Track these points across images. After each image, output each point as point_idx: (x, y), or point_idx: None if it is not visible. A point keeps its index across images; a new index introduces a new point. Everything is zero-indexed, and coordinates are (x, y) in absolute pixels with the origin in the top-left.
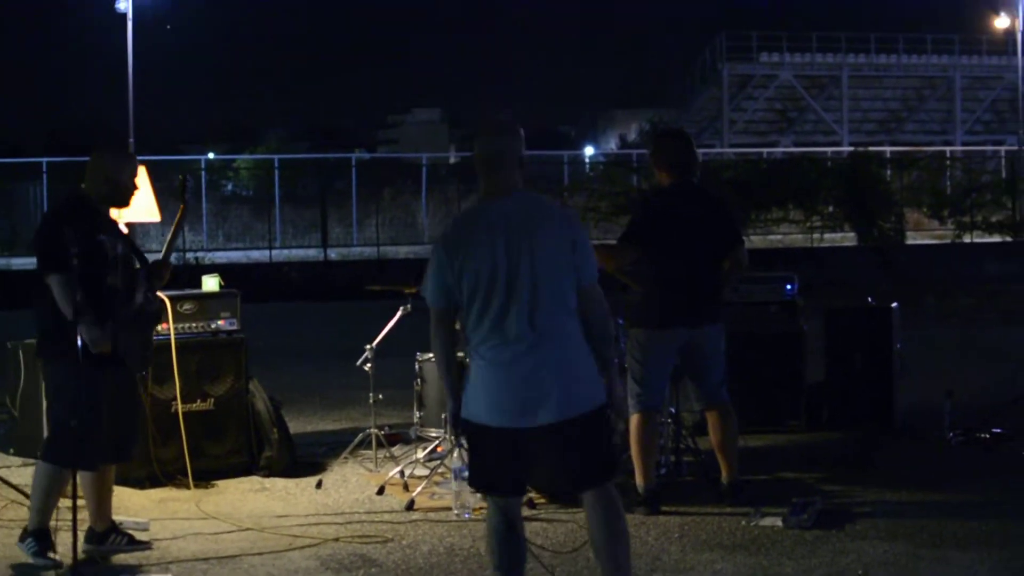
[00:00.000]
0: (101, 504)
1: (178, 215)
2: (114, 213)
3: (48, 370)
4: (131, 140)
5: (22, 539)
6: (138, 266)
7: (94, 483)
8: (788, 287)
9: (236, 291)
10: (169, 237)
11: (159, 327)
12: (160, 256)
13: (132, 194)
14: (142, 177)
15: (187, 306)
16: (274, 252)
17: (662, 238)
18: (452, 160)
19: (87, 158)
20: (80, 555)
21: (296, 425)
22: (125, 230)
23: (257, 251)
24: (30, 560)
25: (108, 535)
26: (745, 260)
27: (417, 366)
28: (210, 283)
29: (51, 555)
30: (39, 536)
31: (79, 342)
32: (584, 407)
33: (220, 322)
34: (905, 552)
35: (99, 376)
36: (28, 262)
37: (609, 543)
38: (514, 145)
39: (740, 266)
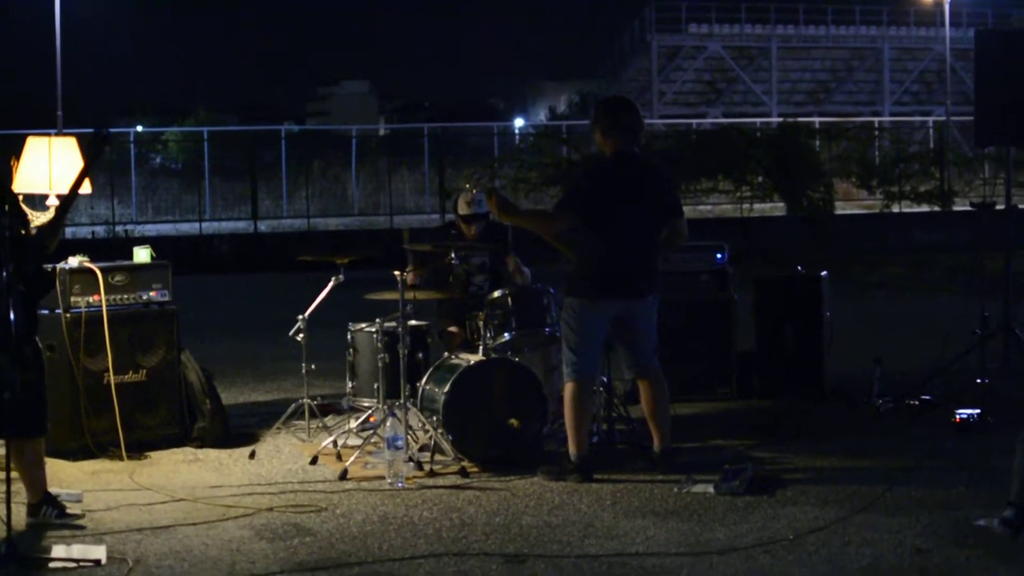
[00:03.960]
0: (26, 477)
1: (78, 174)
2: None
3: None
4: (59, 113)
5: None
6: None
7: (14, 456)
8: (718, 256)
9: (167, 262)
10: (65, 196)
11: (90, 299)
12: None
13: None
14: (71, 149)
15: (118, 277)
16: (204, 224)
17: (602, 207)
18: (382, 132)
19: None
20: (24, 527)
21: (228, 396)
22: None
23: (187, 224)
24: None
25: (40, 507)
26: (685, 232)
27: (349, 336)
28: (141, 254)
29: None
30: None
31: None
32: None
33: (152, 293)
34: (835, 517)
35: None
36: None
37: None
38: None
39: (679, 237)
